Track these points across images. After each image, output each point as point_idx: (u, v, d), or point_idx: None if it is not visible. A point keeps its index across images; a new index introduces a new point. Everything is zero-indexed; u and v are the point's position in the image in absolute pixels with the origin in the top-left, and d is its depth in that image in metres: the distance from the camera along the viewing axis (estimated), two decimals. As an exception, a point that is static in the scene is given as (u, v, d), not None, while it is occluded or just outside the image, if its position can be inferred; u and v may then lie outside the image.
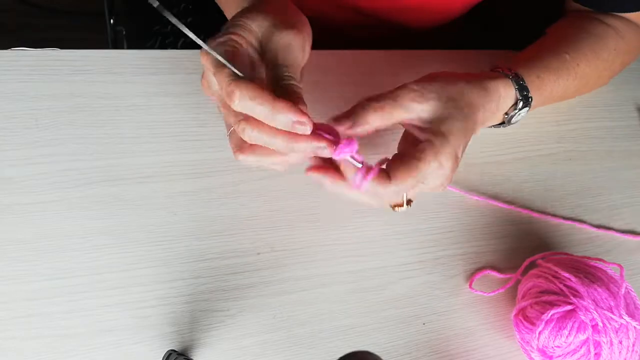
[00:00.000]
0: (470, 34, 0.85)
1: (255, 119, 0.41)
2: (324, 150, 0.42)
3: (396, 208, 0.49)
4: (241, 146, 0.44)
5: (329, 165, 0.45)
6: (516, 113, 0.56)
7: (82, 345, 0.46)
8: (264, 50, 0.44)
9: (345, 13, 0.72)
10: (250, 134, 0.41)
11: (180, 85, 0.59)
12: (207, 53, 0.41)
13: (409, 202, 0.48)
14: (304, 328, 0.51)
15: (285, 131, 0.41)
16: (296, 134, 0.41)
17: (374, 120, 0.46)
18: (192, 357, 0.47)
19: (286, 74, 0.42)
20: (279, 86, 0.42)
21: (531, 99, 0.55)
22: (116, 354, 0.47)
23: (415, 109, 0.47)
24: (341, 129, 0.45)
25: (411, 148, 0.47)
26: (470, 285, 0.56)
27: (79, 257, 0.49)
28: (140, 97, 0.57)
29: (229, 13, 0.54)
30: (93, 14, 1.23)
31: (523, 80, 0.55)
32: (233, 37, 0.43)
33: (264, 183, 0.56)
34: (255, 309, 0.51)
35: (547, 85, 0.58)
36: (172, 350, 0.47)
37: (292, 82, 0.42)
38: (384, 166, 0.46)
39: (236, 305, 0.50)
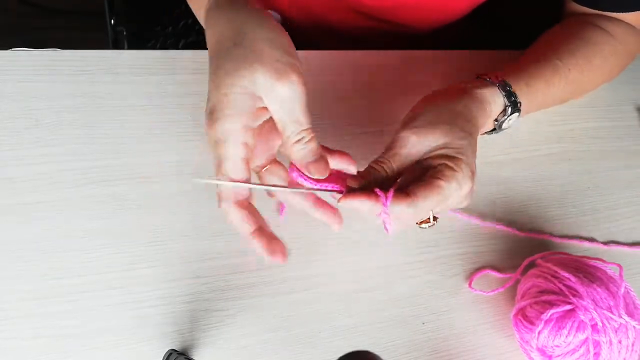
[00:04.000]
0: (471, 35, 0.85)
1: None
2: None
3: (422, 225, 0.49)
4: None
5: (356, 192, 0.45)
6: (506, 119, 0.56)
7: (82, 345, 0.46)
8: (265, 100, 0.43)
9: (346, 13, 0.72)
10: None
11: (181, 86, 0.59)
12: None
13: (435, 218, 0.48)
14: (304, 328, 0.51)
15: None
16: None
17: (386, 179, 0.47)
18: (192, 357, 0.47)
19: (296, 133, 0.43)
20: (295, 149, 0.44)
21: (520, 104, 0.56)
22: (116, 354, 0.47)
23: (419, 149, 0.48)
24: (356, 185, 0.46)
25: (426, 174, 0.47)
26: (470, 285, 0.56)
27: (79, 257, 0.49)
28: (140, 97, 0.57)
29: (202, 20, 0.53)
30: (93, 14, 1.23)
31: (510, 87, 0.55)
32: (232, 119, 0.42)
33: (263, 183, 0.56)
34: (255, 309, 0.51)
35: (538, 92, 0.58)
36: (172, 349, 0.47)
37: (306, 141, 0.44)
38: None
39: (236, 305, 0.50)
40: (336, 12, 0.72)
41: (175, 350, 0.47)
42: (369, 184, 0.46)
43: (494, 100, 0.54)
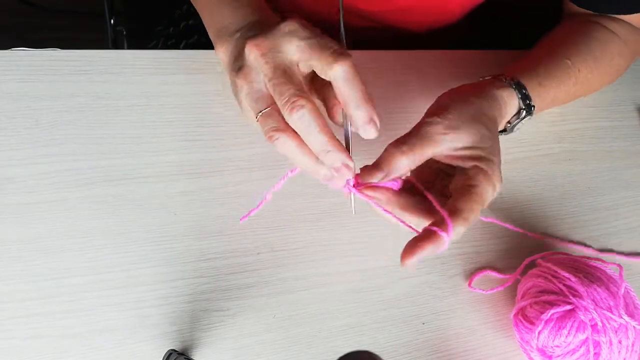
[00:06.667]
0: (471, 35, 0.85)
1: (295, 134, 0.43)
2: (348, 175, 0.45)
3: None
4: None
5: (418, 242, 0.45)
6: (519, 122, 0.56)
7: (82, 345, 0.46)
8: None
9: (344, 14, 0.72)
10: (283, 145, 0.44)
11: (181, 86, 0.59)
12: (268, 53, 0.43)
13: None
14: (304, 328, 0.51)
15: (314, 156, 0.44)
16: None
17: (407, 164, 0.45)
18: (192, 357, 0.48)
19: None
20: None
21: (534, 108, 0.55)
22: (116, 354, 0.47)
23: (446, 141, 0.46)
24: (374, 180, 0.45)
25: (458, 181, 0.46)
26: (469, 285, 0.56)
27: (79, 257, 0.49)
28: (140, 97, 0.57)
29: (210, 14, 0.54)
30: (93, 14, 1.23)
31: (525, 89, 0.54)
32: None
33: (264, 183, 0.56)
34: (255, 309, 0.51)
35: (549, 92, 0.58)
36: (172, 350, 0.47)
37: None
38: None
39: (236, 305, 0.50)
40: (333, 12, 0.72)
41: (175, 351, 0.47)
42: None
43: (510, 102, 0.54)
